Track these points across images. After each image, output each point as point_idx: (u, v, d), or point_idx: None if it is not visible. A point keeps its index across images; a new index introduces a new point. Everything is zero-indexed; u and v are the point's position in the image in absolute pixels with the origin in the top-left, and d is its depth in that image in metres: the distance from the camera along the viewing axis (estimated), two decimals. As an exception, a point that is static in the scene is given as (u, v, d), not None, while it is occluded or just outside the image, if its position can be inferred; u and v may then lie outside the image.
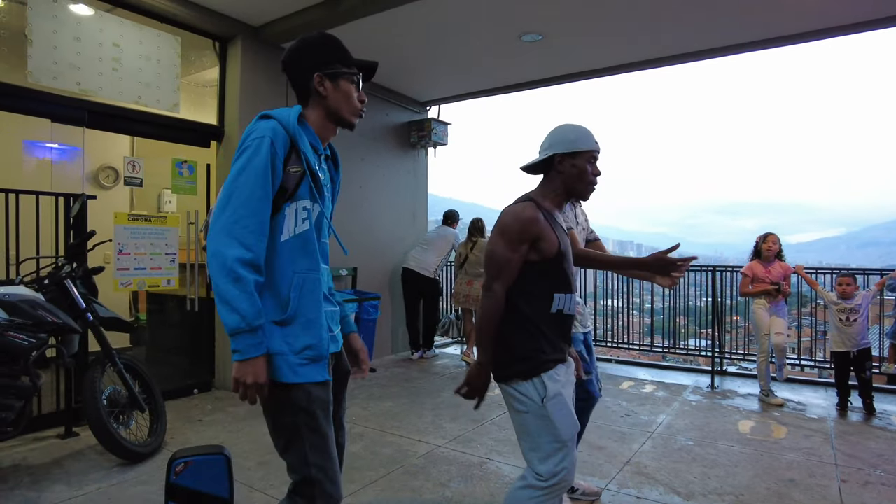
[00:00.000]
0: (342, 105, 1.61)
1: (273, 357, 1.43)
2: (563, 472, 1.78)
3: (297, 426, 1.48)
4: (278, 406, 1.49)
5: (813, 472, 3.23)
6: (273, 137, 1.43)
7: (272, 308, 1.45)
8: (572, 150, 1.90)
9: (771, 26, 4.71)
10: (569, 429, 1.79)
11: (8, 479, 3.00)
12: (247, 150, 1.43)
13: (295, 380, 1.45)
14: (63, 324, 2.98)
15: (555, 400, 1.77)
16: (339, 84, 1.59)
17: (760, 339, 4.76)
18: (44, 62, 3.80)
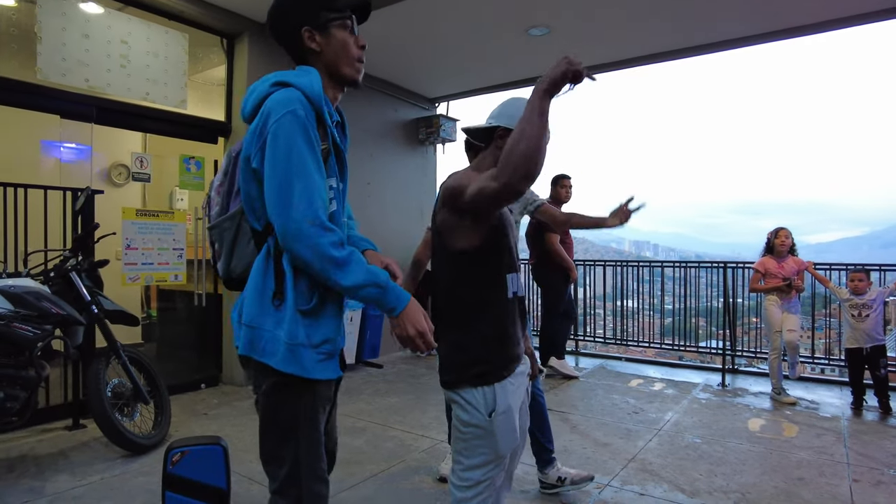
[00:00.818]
0: (340, 58, 1.44)
1: (294, 347, 1.33)
2: (488, 482, 1.63)
3: (296, 422, 1.39)
4: (283, 399, 1.38)
5: (823, 470, 3.15)
6: (305, 110, 1.31)
7: (300, 297, 1.35)
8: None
9: (794, 14, 4.60)
10: (509, 444, 1.62)
11: (14, 468, 3.05)
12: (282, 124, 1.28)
13: (311, 375, 1.35)
14: (68, 315, 3.01)
15: (504, 416, 1.59)
16: (331, 34, 1.42)
17: (772, 337, 4.67)
18: (53, 59, 3.85)
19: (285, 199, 1.26)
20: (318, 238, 1.25)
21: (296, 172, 1.27)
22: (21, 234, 3.63)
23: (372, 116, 6.35)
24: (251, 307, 1.36)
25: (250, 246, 1.42)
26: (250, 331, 1.36)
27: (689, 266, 6.55)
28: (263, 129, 1.30)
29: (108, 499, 2.71)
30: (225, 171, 1.47)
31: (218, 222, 1.45)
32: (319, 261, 1.26)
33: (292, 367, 1.33)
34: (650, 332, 6.86)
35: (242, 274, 1.43)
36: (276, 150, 1.27)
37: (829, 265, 5.52)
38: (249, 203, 1.39)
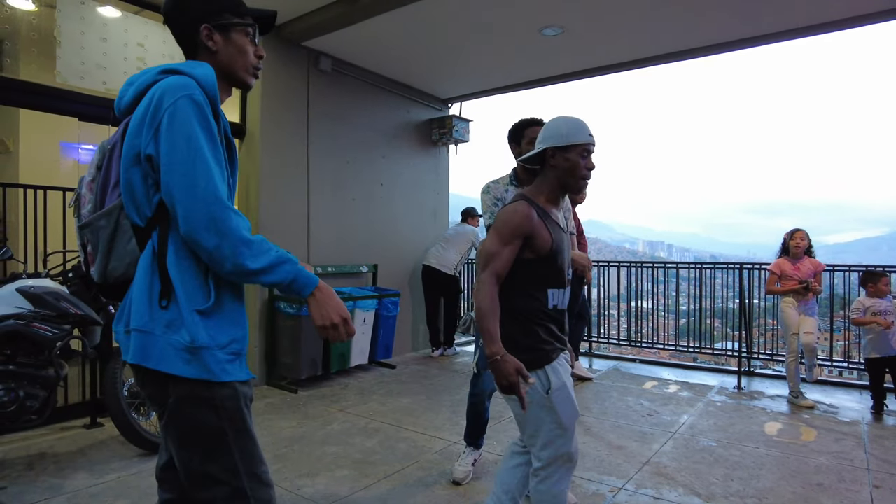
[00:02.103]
0: (236, 61, 1.40)
1: (198, 351, 1.22)
2: (565, 456, 1.87)
3: (221, 430, 1.26)
4: (198, 408, 1.25)
5: (843, 476, 3.10)
6: (201, 98, 1.24)
7: (194, 296, 1.25)
8: (564, 144, 1.87)
9: (813, 12, 4.52)
10: (571, 417, 1.86)
11: (34, 465, 3.10)
12: (179, 107, 1.20)
13: (220, 378, 1.24)
14: (85, 316, 3.05)
15: (560, 391, 1.84)
16: (230, 37, 1.38)
17: (789, 339, 4.60)
18: (72, 62, 3.91)
19: (189, 182, 1.18)
20: (228, 221, 1.18)
21: (197, 156, 1.19)
22: (41, 235, 3.68)
23: (384, 117, 6.36)
24: (140, 311, 1.23)
25: (131, 244, 1.28)
26: (141, 336, 1.23)
27: (703, 267, 6.48)
28: (157, 114, 1.21)
29: (125, 497, 2.74)
30: (98, 165, 1.34)
31: (91, 220, 1.30)
32: (231, 244, 1.18)
33: (197, 371, 1.22)
34: (664, 334, 6.80)
35: (121, 277, 1.30)
36: (173, 134, 1.20)
37: (848, 266, 5.44)
38: (130, 194, 1.26)
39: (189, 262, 1.25)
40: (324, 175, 5.54)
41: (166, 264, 1.24)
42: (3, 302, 2.85)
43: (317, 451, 3.38)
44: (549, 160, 1.90)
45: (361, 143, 6.05)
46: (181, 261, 1.25)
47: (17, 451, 3.31)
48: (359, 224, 6.00)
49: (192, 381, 1.22)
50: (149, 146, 1.22)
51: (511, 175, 2.94)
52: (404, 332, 6.55)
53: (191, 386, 1.23)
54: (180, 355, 1.21)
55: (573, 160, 1.87)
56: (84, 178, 1.36)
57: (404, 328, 6.54)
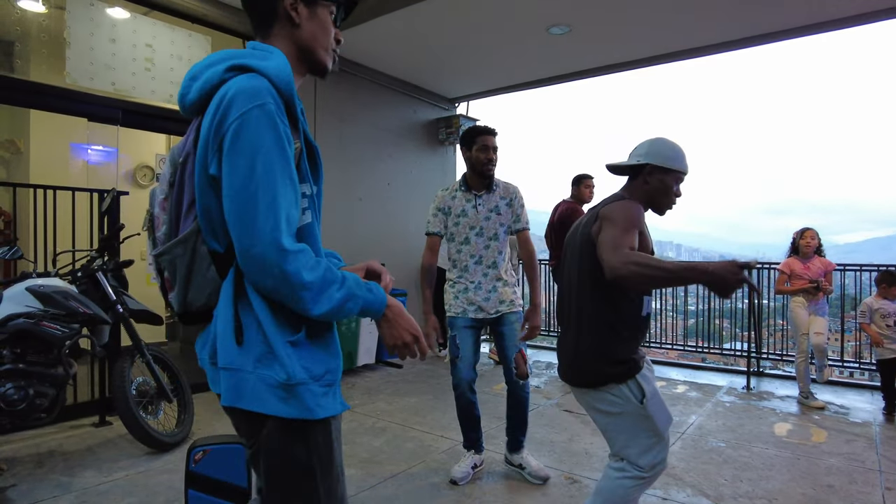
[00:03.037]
0: (318, 38, 1.24)
1: (294, 388, 1.11)
2: (662, 462, 1.89)
3: (311, 469, 1.17)
4: (290, 445, 1.16)
5: (854, 478, 3.07)
6: (275, 103, 1.09)
7: (284, 326, 1.13)
8: (666, 166, 1.93)
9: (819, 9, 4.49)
10: (665, 422, 1.88)
11: (44, 463, 3.12)
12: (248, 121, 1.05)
13: (320, 415, 1.14)
14: (94, 314, 3.07)
15: (653, 399, 1.85)
16: (316, 11, 1.23)
17: (799, 339, 4.56)
18: (81, 63, 3.94)
19: (247, 217, 1.04)
20: (285, 265, 1.04)
21: (262, 184, 1.04)
22: (50, 234, 3.71)
23: (391, 117, 6.37)
24: (226, 346, 1.12)
25: (210, 272, 1.14)
26: (231, 375, 1.12)
27: (713, 267, 6.42)
28: (221, 126, 1.06)
29: (133, 495, 2.76)
30: (170, 181, 1.19)
31: (168, 248, 1.16)
32: (289, 290, 1.06)
33: (294, 410, 1.12)
34: (673, 334, 6.75)
35: (202, 307, 1.18)
36: (237, 156, 1.05)
37: (859, 266, 5.38)
38: (208, 219, 1.12)
39: None
40: (330, 175, 5.52)
41: (248, 295, 1.12)
42: (13, 301, 2.88)
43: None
44: (647, 175, 1.94)
45: (368, 143, 6.06)
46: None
47: (27, 448, 3.33)
48: (366, 223, 6.01)
49: (290, 421, 1.13)
50: (212, 164, 1.09)
51: (461, 181, 3.03)
52: (411, 331, 6.54)
53: (287, 424, 1.13)
54: (275, 393, 1.10)
55: (668, 183, 1.94)
56: (156, 196, 1.21)
57: (411, 328, 6.53)
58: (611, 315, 1.86)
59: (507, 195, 3.01)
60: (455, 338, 2.92)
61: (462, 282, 2.97)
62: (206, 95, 1.14)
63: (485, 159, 2.92)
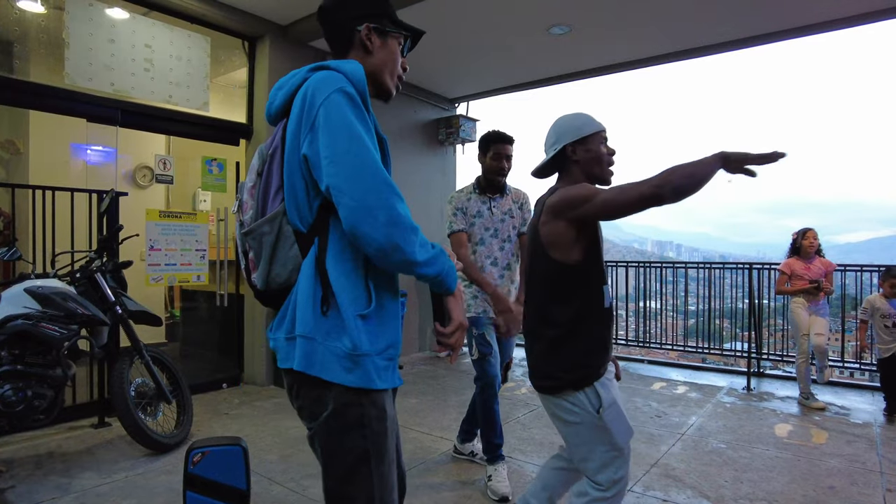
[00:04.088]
0: (387, 65, 1.39)
1: (360, 358, 1.18)
2: (623, 480, 1.76)
3: (366, 454, 1.21)
4: (348, 425, 1.20)
5: (855, 479, 3.06)
6: (353, 91, 1.20)
7: (356, 301, 1.21)
8: (582, 136, 1.84)
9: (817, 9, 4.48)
10: (625, 435, 1.75)
11: (43, 465, 3.11)
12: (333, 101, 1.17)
13: (377, 385, 1.21)
14: (93, 316, 3.07)
15: (611, 409, 1.72)
16: (387, 41, 1.38)
17: (799, 340, 4.55)
18: (80, 64, 3.93)
19: (356, 172, 1.14)
20: (398, 208, 1.15)
21: (361, 145, 1.15)
22: (49, 235, 3.71)
23: (391, 117, 6.36)
24: (305, 316, 1.19)
25: (294, 250, 1.25)
26: (307, 343, 1.19)
27: (713, 267, 6.43)
28: (311, 110, 1.18)
29: (132, 497, 2.75)
30: (259, 171, 1.31)
31: (255, 226, 1.26)
32: (402, 234, 1.14)
33: (358, 379, 1.19)
34: (673, 334, 6.75)
35: (284, 283, 1.26)
36: (332, 127, 1.16)
37: (860, 266, 5.37)
38: (294, 199, 1.24)
39: (350, 265, 1.22)
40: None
41: (327, 269, 1.20)
42: (12, 302, 2.87)
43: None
44: (571, 157, 1.85)
45: (368, 144, 6.05)
46: (342, 264, 1.21)
47: (26, 450, 3.33)
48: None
49: (350, 389, 1.19)
50: (304, 143, 1.19)
51: (474, 184, 3.06)
52: (411, 332, 6.54)
53: (347, 397, 1.19)
54: (342, 363, 1.18)
55: (595, 149, 1.83)
56: (245, 185, 1.33)
57: (411, 328, 6.53)
58: (569, 314, 1.75)
59: (519, 199, 3.08)
60: (484, 335, 2.88)
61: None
62: (290, 97, 1.26)
63: (497, 167, 2.95)
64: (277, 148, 1.27)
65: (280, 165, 1.25)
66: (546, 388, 1.80)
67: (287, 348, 1.23)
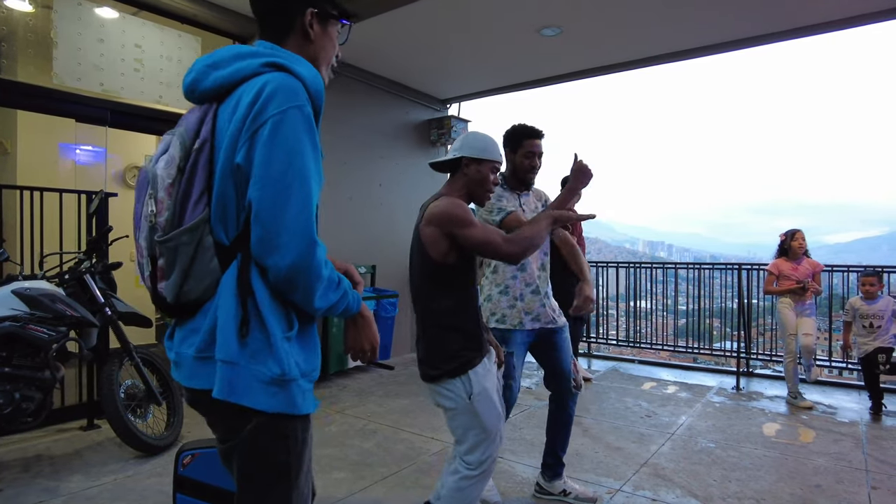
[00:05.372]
0: (326, 53, 1.31)
1: (286, 383, 1.14)
2: (489, 460, 1.96)
3: (287, 468, 1.18)
4: (271, 442, 1.17)
5: (841, 477, 3.10)
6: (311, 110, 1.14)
7: (282, 322, 1.16)
8: (479, 157, 2.05)
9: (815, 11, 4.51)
10: (493, 420, 1.94)
11: (30, 468, 3.09)
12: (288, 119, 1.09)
13: (302, 411, 1.18)
14: (82, 317, 3.05)
15: (480, 396, 1.92)
16: (327, 29, 1.30)
17: (787, 340, 4.60)
18: (68, 64, 3.91)
19: (279, 205, 1.07)
20: (312, 256, 1.10)
21: (296, 180, 1.09)
22: (37, 236, 3.68)
23: (383, 118, 6.36)
24: (227, 340, 1.11)
25: (213, 264, 1.14)
26: (229, 369, 1.11)
27: (703, 267, 6.48)
28: (258, 117, 1.08)
29: (121, 499, 2.73)
30: (179, 166, 1.13)
31: (173, 236, 1.12)
32: (306, 280, 1.11)
33: (282, 404, 1.14)
34: (664, 334, 6.79)
35: (198, 299, 1.16)
36: (274, 149, 1.07)
37: (847, 267, 5.44)
38: (222, 208, 1.13)
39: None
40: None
41: (253, 288, 1.13)
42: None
43: (314, 453, 3.37)
44: (464, 168, 2.06)
45: (360, 144, 6.05)
46: (266, 284, 1.14)
47: (13, 453, 3.30)
48: (357, 225, 5.99)
49: (273, 415, 1.14)
50: (240, 153, 1.10)
51: (500, 181, 2.74)
52: (403, 333, 6.54)
53: (271, 419, 1.14)
54: (266, 389, 1.12)
55: (484, 173, 2.05)
56: (160, 178, 1.14)
57: (403, 329, 6.53)
58: (446, 307, 1.95)
59: (542, 197, 2.86)
60: (512, 356, 2.56)
61: (516, 286, 2.64)
62: (230, 84, 1.15)
63: (530, 165, 2.68)
64: (206, 143, 1.13)
65: (207, 165, 1.13)
66: (429, 378, 1.97)
67: (195, 367, 1.16)
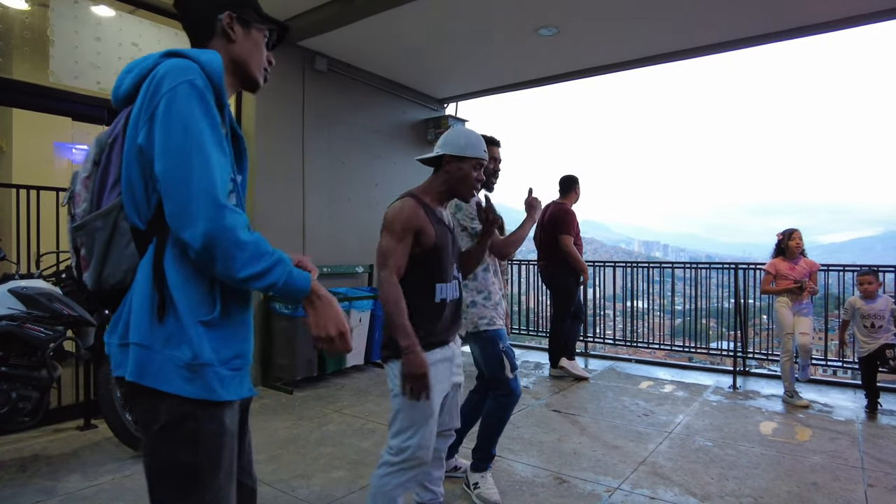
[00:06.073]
0: (252, 55, 1.32)
1: (200, 368, 1.12)
2: (410, 450, 1.93)
3: (198, 466, 1.14)
4: (182, 436, 1.13)
5: (838, 475, 3.11)
6: (203, 84, 1.13)
7: (199, 306, 1.14)
8: (460, 155, 2.06)
9: (811, 12, 4.54)
10: (420, 412, 1.92)
11: (27, 468, 3.07)
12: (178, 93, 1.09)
13: (221, 397, 1.14)
14: (79, 316, 3.03)
15: None
16: (250, 32, 1.32)
17: (784, 339, 4.62)
18: (65, 62, 3.89)
19: (182, 175, 1.06)
20: (221, 220, 1.06)
21: (194, 147, 1.08)
22: (34, 235, 3.66)
23: (380, 118, 6.35)
24: (140, 323, 1.11)
25: (129, 249, 1.15)
26: (141, 351, 1.11)
27: (699, 267, 6.50)
28: (153, 98, 1.10)
29: (119, 499, 2.72)
30: (95, 160, 1.19)
31: (87, 220, 1.16)
32: (222, 248, 1.07)
33: (197, 390, 1.12)
34: (660, 334, 6.81)
35: (117, 284, 1.17)
36: (170, 122, 1.08)
37: (843, 266, 5.46)
38: (131, 193, 1.14)
39: (192, 267, 1.14)
40: (319, 175, 5.53)
41: (165, 271, 1.13)
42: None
43: (312, 453, 3.37)
44: (445, 165, 2.07)
45: (357, 144, 6.04)
46: (183, 266, 1.13)
47: (10, 453, 3.28)
48: (354, 224, 5.99)
49: (188, 401, 1.12)
50: (141, 133, 1.11)
51: None
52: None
53: (184, 408, 1.12)
54: (180, 373, 1.11)
55: (466, 170, 2.06)
56: (79, 174, 1.21)
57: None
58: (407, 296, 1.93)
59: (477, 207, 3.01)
60: (511, 348, 2.80)
61: (496, 292, 2.82)
62: (139, 82, 1.17)
63: (490, 170, 2.84)
64: (118, 136, 1.17)
65: (119, 155, 1.16)
66: (383, 357, 2.02)
67: (120, 355, 1.16)
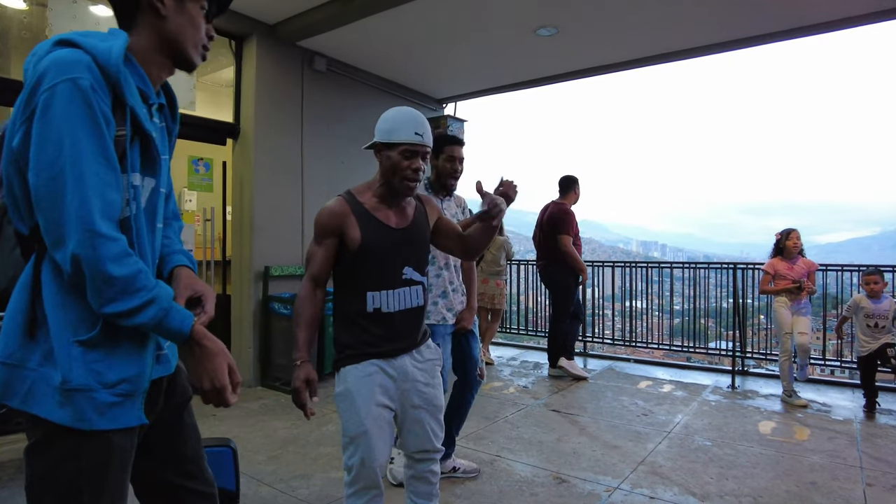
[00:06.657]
0: (186, 32, 1.15)
1: (72, 393, 1.00)
2: (355, 469, 1.74)
3: (77, 489, 1.02)
4: (58, 458, 1.02)
5: (836, 474, 3.12)
6: (93, 80, 0.98)
7: (75, 324, 1.02)
8: (386, 141, 1.79)
9: (804, 13, 4.55)
10: (352, 426, 1.73)
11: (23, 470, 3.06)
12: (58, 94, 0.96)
13: (101, 426, 1.02)
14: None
15: (341, 397, 1.77)
16: (184, 5, 1.14)
17: (782, 339, 4.63)
18: (63, 61, 3.87)
19: (55, 192, 0.95)
20: (90, 248, 0.95)
21: (68, 161, 0.95)
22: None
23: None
24: (11, 339, 1.02)
25: (15, 254, 1.08)
26: (7, 371, 1.01)
27: (697, 267, 6.51)
28: (31, 99, 0.98)
29: (118, 500, 2.71)
30: None
31: None
32: (90, 276, 0.96)
33: (68, 417, 1.00)
34: (659, 333, 6.82)
35: (6, 291, 1.09)
36: (44, 130, 0.96)
37: (841, 266, 5.48)
38: (12, 196, 1.05)
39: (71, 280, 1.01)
40: (318, 175, 5.52)
41: (42, 284, 1.03)
42: None
43: (312, 453, 3.37)
44: (377, 155, 1.83)
45: (356, 143, 6.03)
46: (59, 279, 1.02)
47: (9, 453, 3.27)
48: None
49: (61, 428, 1.00)
50: (16, 137, 0.99)
51: (426, 184, 2.96)
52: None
53: (58, 432, 1.01)
54: (53, 396, 1.00)
55: (395, 159, 1.76)
56: None
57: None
58: (339, 301, 1.85)
59: (461, 204, 3.04)
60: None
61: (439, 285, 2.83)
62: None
63: (451, 170, 2.87)
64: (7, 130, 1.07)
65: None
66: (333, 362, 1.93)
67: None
